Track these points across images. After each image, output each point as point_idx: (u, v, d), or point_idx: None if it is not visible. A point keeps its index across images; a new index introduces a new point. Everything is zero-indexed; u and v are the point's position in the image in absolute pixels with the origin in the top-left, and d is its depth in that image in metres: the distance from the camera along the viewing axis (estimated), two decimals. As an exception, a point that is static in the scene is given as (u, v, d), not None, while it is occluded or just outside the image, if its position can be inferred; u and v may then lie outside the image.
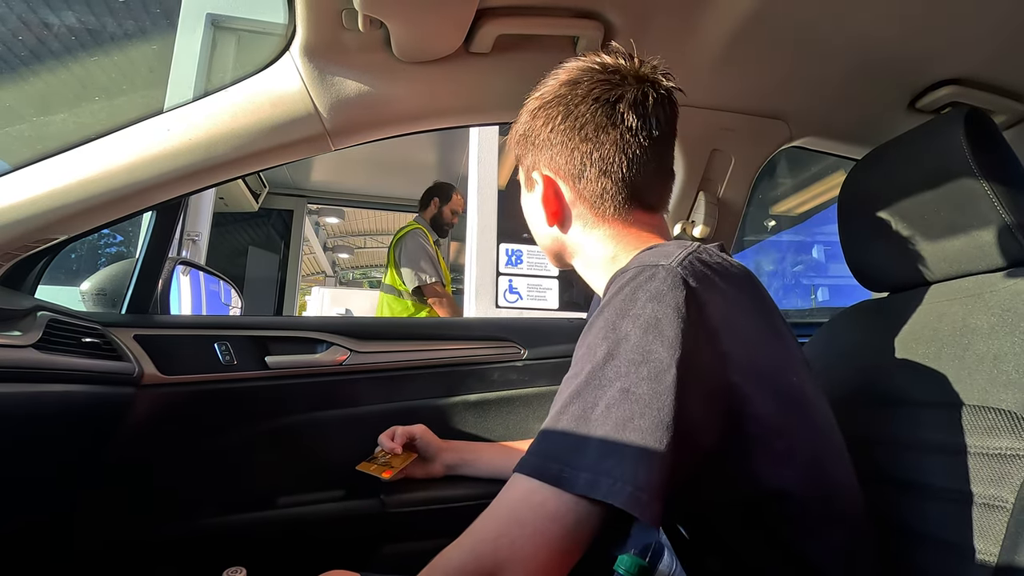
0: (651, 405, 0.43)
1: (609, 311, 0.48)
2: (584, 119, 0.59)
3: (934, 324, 0.66)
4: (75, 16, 2.47)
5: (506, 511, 0.45)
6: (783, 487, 0.49)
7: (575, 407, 0.45)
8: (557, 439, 0.45)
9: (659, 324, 0.45)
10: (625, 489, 0.41)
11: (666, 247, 0.52)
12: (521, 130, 0.65)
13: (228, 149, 0.75)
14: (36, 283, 0.86)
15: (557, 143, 0.61)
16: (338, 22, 0.67)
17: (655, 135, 0.59)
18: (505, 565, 0.42)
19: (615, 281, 0.50)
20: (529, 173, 0.66)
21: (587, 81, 0.59)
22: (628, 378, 0.44)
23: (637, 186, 0.60)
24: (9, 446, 0.68)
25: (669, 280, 0.46)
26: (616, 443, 0.42)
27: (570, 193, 0.62)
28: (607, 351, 0.46)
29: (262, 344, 0.99)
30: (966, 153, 0.62)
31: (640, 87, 0.59)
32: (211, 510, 0.92)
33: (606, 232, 0.62)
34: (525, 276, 2.66)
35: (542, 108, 0.62)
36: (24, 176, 0.71)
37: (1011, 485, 0.53)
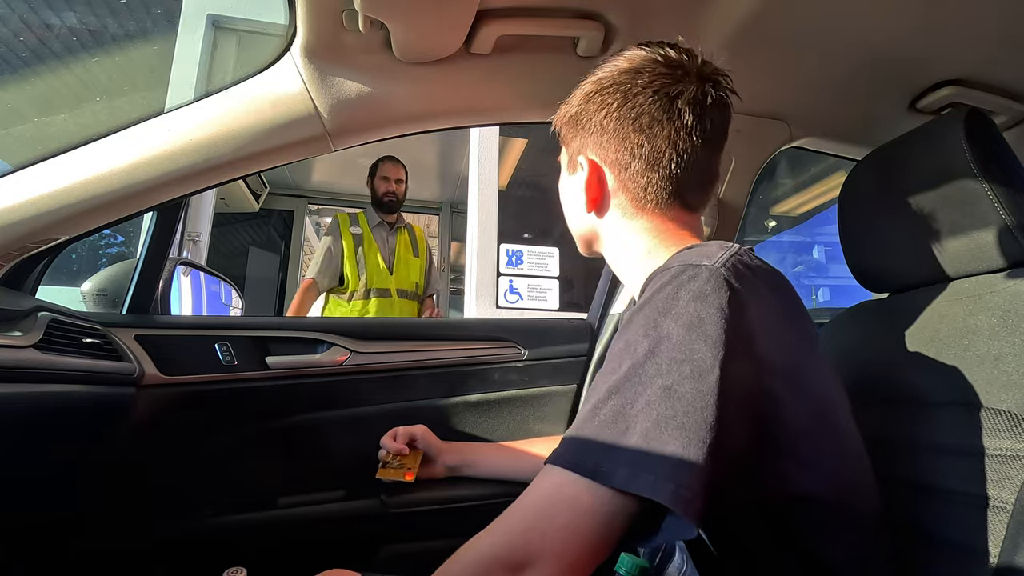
0: (694, 404, 0.43)
1: (650, 308, 0.48)
2: (640, 109, 0.58)
3: (934, 325, 0.65)
4: (77, 17, 2.48)
5: (538, 503, 0.44)
6: (807, 491, 0.49)
7: (613, 402, 0.45)
8: (593, 433, 0.45)
9: (702, 324, 0.45)
10: (668, 486, 0.41)
11: (707, 247, 0.51)
12: (572, 112, 0.64)
13: (229, 150, 0.75)
14: (37, 284, 0.86)
15: (609, 130, 0.60)
16: (339, 23, 0.67)
17: (708, 136, 0.59)
18: (535, 557, 0.42)
19: (656, 278, 0.50)
20: (574, 156, 0.65)
21: (649, 72, 0.58)
22: (670, 376, 0.44)
23: (682, 184, 0.60)
24: (10, 446, 0.68)
25: (712, 281, 0.46)
26: (658, 440, 0.42)
27: (614, 182, 0.61)
28: (648, 348, 0.45)
29: (263, 344, 0.99)
30: (966, 154, 0.62)
31: (701, 85, 0.58)
32: (211, 510, 0.92)
33: (644, 225, 0.61)
34: (525, 277, 2.66)
35: (598, 93, 0.61)
36: (25, 177, 0.71)
37: (1011, 486, 0.53)
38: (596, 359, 1.14)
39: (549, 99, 0.86)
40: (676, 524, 0.43)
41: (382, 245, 2.43)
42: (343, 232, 2.41)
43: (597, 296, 1.22)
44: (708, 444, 0.42)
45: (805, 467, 0.49)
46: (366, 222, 2.44)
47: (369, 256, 2.41)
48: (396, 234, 2.50)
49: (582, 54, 0.77)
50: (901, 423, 0.64)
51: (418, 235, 2.57)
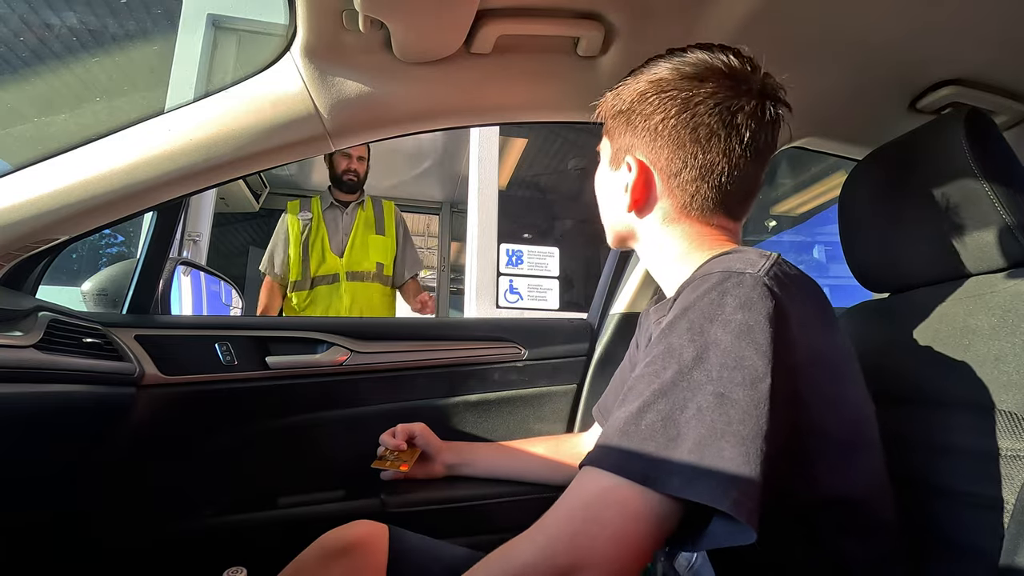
0: (750, 412, 0.42)
1: (694, 314, 0.47)
2: (700, 120, 0.57)
3: (935, 325, 0.65)
4: (77, 17, 2.48)
5: (583, 507, 0.43)
6: (834, 494, 0.49)
7: (661, 406, 0.44)
8: (641, 437, 0.44)
9: (752, 331, 0.45)
10: (729, 494, 0.40)
11: (747, 253, 0.51)
12: (624, 107, 0.62)
13: (229, 149, 0.75)
14: (37, 283, 0.86)
15: (664, 135, 0.59)
16: (339, 23, 0.67)
17: (760, 151, 0.59)
18: (583, 565, 0.41)
19: (697, 284, 0.50)
20: (620, 153, 0.63)
21: (713, 82, 0.57)
22: (722, 383, 0.44)
23: (729, 195, 0.60)
24: (10, 446, 0.68)
25: (758, 289, 0.46)
26: (715, 448, 0.42)
27: (661, 187, 0.61)
28: (696, 354, 0.45)
29: (263, 344, 0.99)
30: (967, 154, 0.62)
31: (761, 101, 0.58)
32: (211, 510, 0.92)
33: (685, 229, 0.61)
34: (526, 276, 2.66)
35: (657, 94, 0.59)
36: (25, 176, 0.71)
37: (1012, 486, 0.53)
38: (596, 359, 1.14)
39: (549, 99, 0.87)
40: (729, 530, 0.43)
41: (333, 228, 2.25)
42: (290, 219, 2.26)
43: (597, 296, 1.22)
44: (764, 452, 0.42)
45: (835, 471, 0.49)
46: (319, 206, 2.27)
47: (314, 242, 2.22)
48: (356, 211, 2.29)
49: (582, 54, 0.77)
50: (901, 423, 0.64)
51: (386, 210, 2.36)
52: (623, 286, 1.17)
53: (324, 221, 2.25)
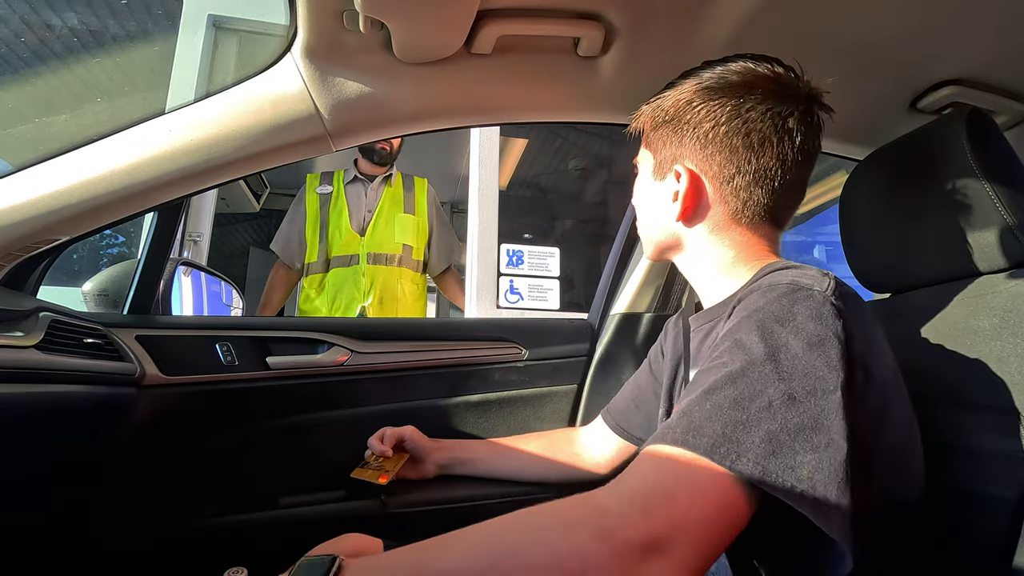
0: (820, 422, 0.42)
1: (763, 315, 0.48)
2: (752, 125, 0.57)
3: (935, 325, 0.65)
4: (78, 17, 2.48)
5: (674, 473, 0.41)
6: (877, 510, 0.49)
7: (729, 391, 0.44)
8: (705, 415, 0.43)
9: (823, 345, 0.45)
10: (808, 496, 0.40)
11: (807, 270, 0.52)
12: (668, 117, 0.62)
13: (229, 150, 0.75)
14: (38, 284, 0.86)
15: (716, 142, 0.58)
16: (339, 23, 0.67)
17: (808, 155, 0.59)
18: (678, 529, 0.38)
19: (765, 291, 0.50)
20: (667, 162, 0.63)
21: (763, 88, 0.58)
22: (792, 385, 0.43)
23: (780, 200, 0.60)
24: (10, 446, 0.68)
25: (828, 306, 0.47)
26: (787, 446, 0.41)
27: (713, 194, 0.60)
28: (766, 352, 0.45)
29: (263, 345, 0.99)
30: (967, 154, 0.62)
31: (809, 105, 0.59)
32: (212, 510, 0.92)
33: (733, 238, 0.61)
34: (526, 277, 2.66)
35: (705, 102, 0.59)
36: (26, 177, 0.71)
37: (1014, 486, 0.53)
38: (597, 359, 1.14)
39: (549, 99, 0.87)
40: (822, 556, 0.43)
41: (355, 202, 2.00)
42: (308, 193, 2.01)
43: (598, 296, 1.22)
44: (838, 463, 0.41)
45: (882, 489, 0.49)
46: (341, 179, 2.03)
47: (333, 217, 1.97)
48: (382, 187, 2.04)
49: (582, 54, 0.77)
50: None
51: (417, 188, 2.11)
52: (624, 286, 1.17)
53: (345, 195, 2.00)
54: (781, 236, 0.64)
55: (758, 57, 0.60)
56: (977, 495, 0.55)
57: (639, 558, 0.37)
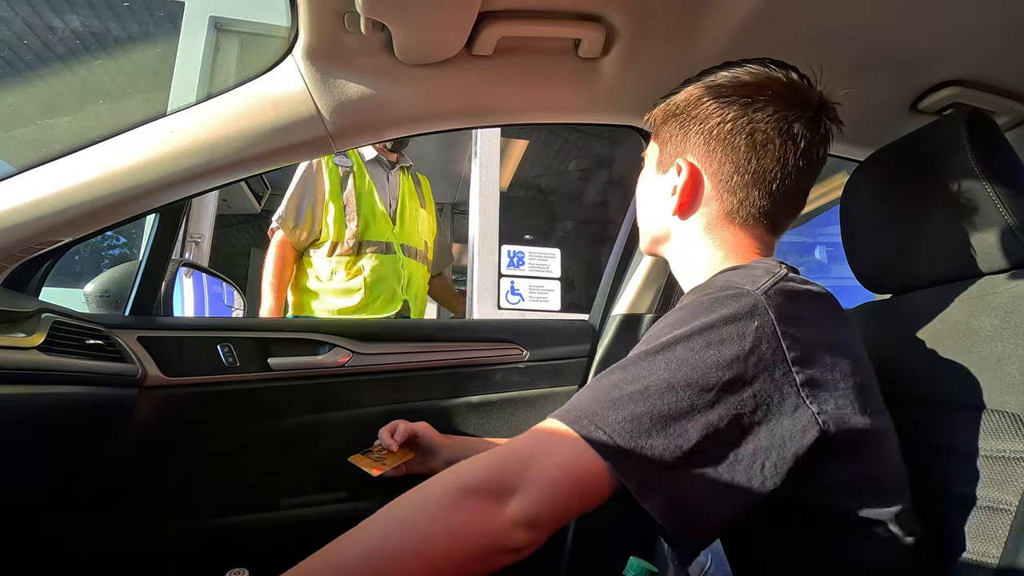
0: (686, 415, 0.45)
1: (684, 311, 0.50)
2: (756, 126, 0.58)
3: (936, 326, 0.65)
4: (80, 20, 2.49)
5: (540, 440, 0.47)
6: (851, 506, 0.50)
7: (616, 375, 0.48)
8: (589, 392, 0.48)
9: (723, 343, 0.46)
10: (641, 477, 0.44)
11: (754, 270, 0.52)
12: (677, 112, 0.63)
13: (231, 151, 0.75)
14: (40, 285, 0.86)
15: (720, 139, 0.59)
16: (340, 25, 0.67)
17: (811, 164, 0.60)
18: (527, 484, 0.44)
19: (698, 290, 0.52)
20: (670, 156, 0.64)
21: (772, 91, 0.58)
22: (675, 375, 0.46)
23: (777, 204, 0.60)
24: (13, 447, 0.68)
25: (749, 308, 0.48)
26: (644, 428, 0.44)
27: (711, 190, 0.61)
28: (667, 342, 0.48)
29: (264, 346, 0.99)
30: (968, 155, 0.62)
31: (817, 115, 0.59)
32: (214, 511, 0.92)
33: (726, 237, 0.61)
34: (527, 278, 2.66)
35: (715, 99, 0.59)
36: (28, 179, 0.71)
37: (1015, 488, 0.53)
38: (598, 360, 1.14)
39: (550, 100, 0.87)
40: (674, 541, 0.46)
41: (380, 185, 1.82)
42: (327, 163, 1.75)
43: (599, 297, 1.22)
44: (683, 452, 0.44)
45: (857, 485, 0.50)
46: (357, 155, 1.81)
47: (363, 194, 1.74)
48: (399, 175, 1.89)
49: (583, 55, 0.77)
50: (902, 425, 0.64)
51: (424, 184, 2.02)
52: (624, 287, 1.17)
53: (369, 174, 1.80)
54: (776, 242, 0.64)
55: (775, 62, 0.60)
56: (976, 497, 0.55)
57: (495, 500, 0.44)
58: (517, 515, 0.44)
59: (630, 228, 1.17)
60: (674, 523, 0.44)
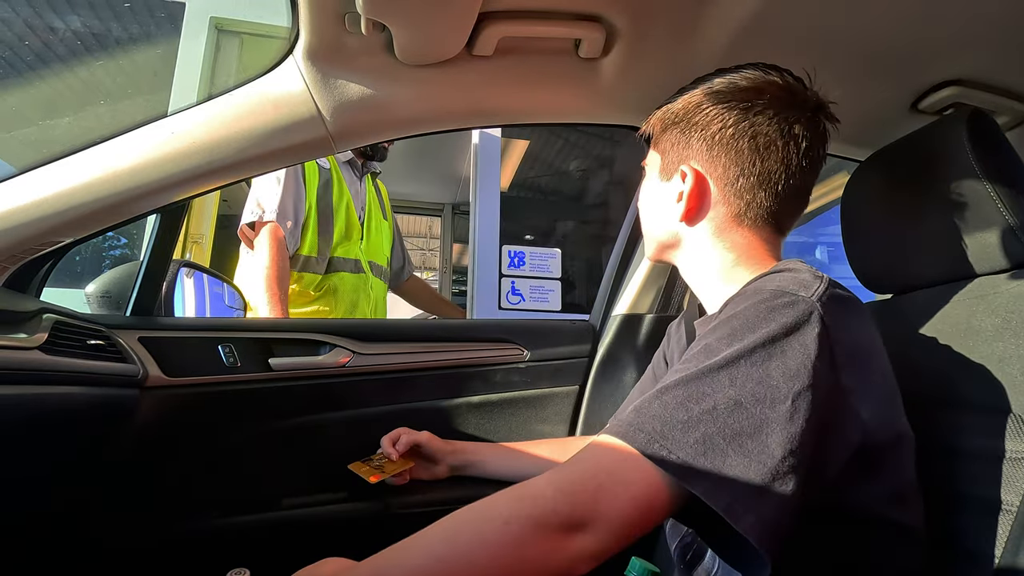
0: (761, 429, 0.44)
1: (737, 321, 0.49)
2: (758, 129, 0.59)
3: (937, 326, 0.65)
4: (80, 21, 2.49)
5: (607, 467, 0.45)
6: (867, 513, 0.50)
7: (679, 392, 0.47)
8: (651, 414, 0.46)
9: (785, 354, 0.46)
10: (724, 497, 0.42)
11: (801, 274, 0.52)
12: (677, 119, 0.64)
13: (232, 152, 0.75)
14: (41, 285, 0.87)
15: (722, 143, 0.60)
16: (341, 25, 0.67)
17: (813, 162, 0.61)
18: (598, 518, 0.43)
19: (749, 295, 0.51)
20: (674, 163, 0.64)
21: (770, 94, 0.59)
22: (742, 392, 0.45)
23: (783, 204, 0.61)
24: (14, 447, 0.68)
25: (809, 314, 0.47)
26: (718, 448, 0.43)
27: (717, 194, 0.61)
28: (727, 358, 0.47)
29: (265, 346, 1.00)
30: (969, 154, 0.62)
31: (816, 114, 0.60)
32: (215, 511, 0.92)
33: (734, 241, 0.62)
34: (527, 278, 2.66)
35: (714, 105, 0.61)
36: (29, 179, 0.71)
37: (1016, 488, 0.53)
38: (598, 360, 1.14)
39: (551, 101, 0.87)
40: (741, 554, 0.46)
41: (354, 193, 1.61)
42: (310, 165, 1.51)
43: (599, 298, 1.22)
44: (767, 468, 0.43)
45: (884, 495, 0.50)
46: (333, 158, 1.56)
47: (339, 205, 1.52)
48: (366, 182, 1.68)
49: (584, 56, 0.77)
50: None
51: (384, 192, 1.83)
52: (625, 288, 1.17)
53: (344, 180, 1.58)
54: (783, 242, 0.65)
55: (770, 66, 0.61)
56: (978, 497, 0.55)
57: (564, 535, 0.43)
58: (584, 551, 0.43)
59: (631, 228, 1.17)
60: (767, 541, 0.43)
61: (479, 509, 0.45)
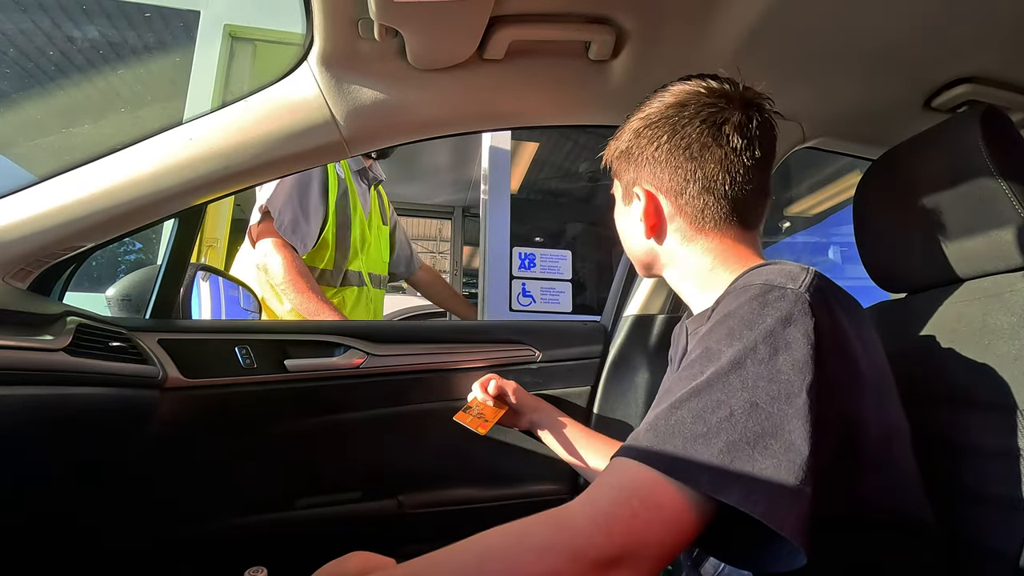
0: (782, 427, 0.43)
1: (733, 320, 0.49)
2: (690, 139, 0.61)
3: (952, 324, 0.65)
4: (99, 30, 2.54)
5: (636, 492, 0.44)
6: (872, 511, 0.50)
7: (693, 404, 0.46)
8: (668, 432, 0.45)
9: (790, 347, 0.45)
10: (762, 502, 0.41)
11: (787, 267, 0.52)
12: (623, 147, 0.68)
13: (248, 157, 0.77)
14: (64, 289, 0.89)
15: (661, 160, 0.63)
16: (354, 32, 0.69)
17: (757, 156, 0.62)
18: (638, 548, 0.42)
19: (738, 293, 0.51)
20: (629, 188, 0.68)
21: (695, 104, 0.62)
22: (756, 393, 0.44)
23: (738, 203, 0.62)
24: (40, 446, 0.70)
25: (799, 305, 0.47)
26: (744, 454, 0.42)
27: (670, 207, 0.64)
28: (733, 359, 0.46)
29: (281, 348, 1.01)
30: (983, 152, 0.62)
31: (745, 111, 0.62)
32: (232, 511, 0.93)
33: (704, 245, 0.64)
34: (538, 279, 2.66)
35: (647, 128, 0.64)
36: (52, 186, 0.73)
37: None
38: (610, 361, 1.14)
39: (561, 103, 0.88)
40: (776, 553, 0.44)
41: (364, 203, 1.57)
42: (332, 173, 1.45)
43: (610, 298, 1.22)
44: (797, 465, 0.42)
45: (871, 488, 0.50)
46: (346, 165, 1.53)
47: (354, 218, 1.49)
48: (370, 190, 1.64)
49: (593, 58, 0.78)
50: (919, 423, 0.63)
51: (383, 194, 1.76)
52: (636, 288, 1.17)
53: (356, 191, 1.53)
54: (758, 236, 0.66)
55: (696, 76, 0.64)
56: (991, 495, 0.55)
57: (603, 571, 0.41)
58: None
59: (641, 229, 1.17)
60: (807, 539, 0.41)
61: (514, 534, 0.44)
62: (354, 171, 1.60)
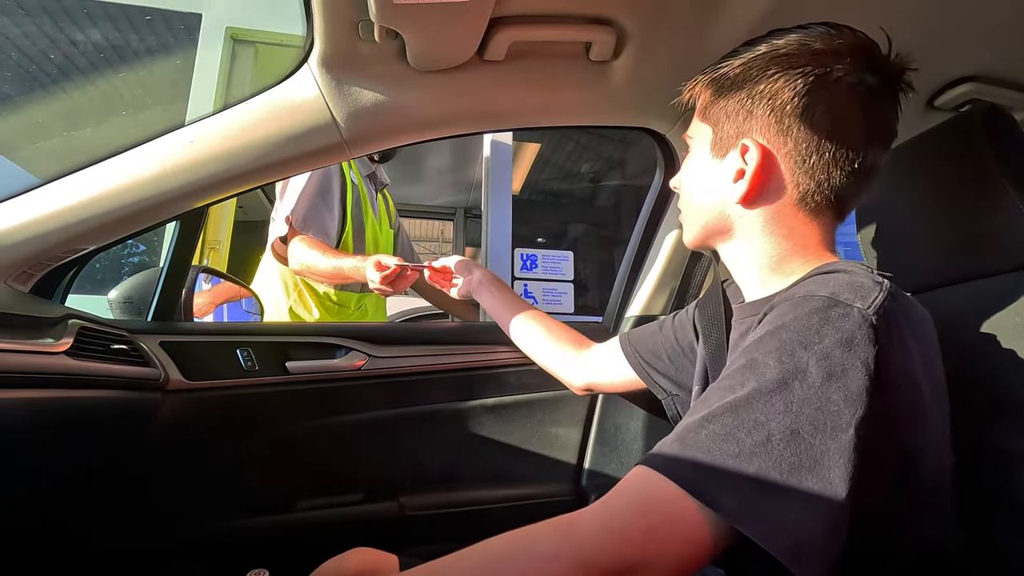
0: (822, 462, 0.39)
1: (787, 334, 0.44)
2: (839, 98, 0.51)
3: (959, 325, 0.64)
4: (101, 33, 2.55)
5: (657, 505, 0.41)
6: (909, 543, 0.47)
7: (727, 420, 0.42)
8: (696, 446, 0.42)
9: (845, 375, 0.41)
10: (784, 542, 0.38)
11: (858, 276, 0.46)
12: (738, 85, 0.55)
13: (249, 159, 0.77)
14: (66, 292, 0.89)
15: (795, 114, 0.52)
16: (355, 33, 0.69)
17: (891, 138, 0.55)
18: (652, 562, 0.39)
19: (797, 303, 0.46)
20: (729, 138, 0.56)
21: (853, 59, 0.51)
22: (799, 419, 0.40)
23: (853, 187, 0.54)
24: (42, 449, 0.70)
25: (863, 329, 0.42)
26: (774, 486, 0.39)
27: (786, 174, 0.54)
28: (779, 378, 0.42)
29: (282, 350, 1.01)
30: (986, 150, 0.61)
31: (899, 81, 0.54)
32: (234, 512, 0.94)
33: (793, 227, 0.55)
34: (540, 280, 2.66)
35: (785, 70, 0.52)
36: (54, 189, 0.73)
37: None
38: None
39: (562, 103, 0.88)
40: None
41: (374, 208, 1.61)
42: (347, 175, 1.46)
43: (612, 299, 1.22)
44: (831, 506, 0.39)
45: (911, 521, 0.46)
46: (357, 168, 1.54)
47: (367, 223, 1.51)
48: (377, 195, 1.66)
49: (594, 59, 0.77)
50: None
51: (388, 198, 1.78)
52: (638, 289, 1.17)
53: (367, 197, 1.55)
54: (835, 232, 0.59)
55: (839, 26, 0.54)
56: (1010, 497, 0.54)
57: None
58: None
59: (643, 229, 1.16)
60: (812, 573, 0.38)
61: (522, 542, 0.42)
62: (364, 176, 1.61)
